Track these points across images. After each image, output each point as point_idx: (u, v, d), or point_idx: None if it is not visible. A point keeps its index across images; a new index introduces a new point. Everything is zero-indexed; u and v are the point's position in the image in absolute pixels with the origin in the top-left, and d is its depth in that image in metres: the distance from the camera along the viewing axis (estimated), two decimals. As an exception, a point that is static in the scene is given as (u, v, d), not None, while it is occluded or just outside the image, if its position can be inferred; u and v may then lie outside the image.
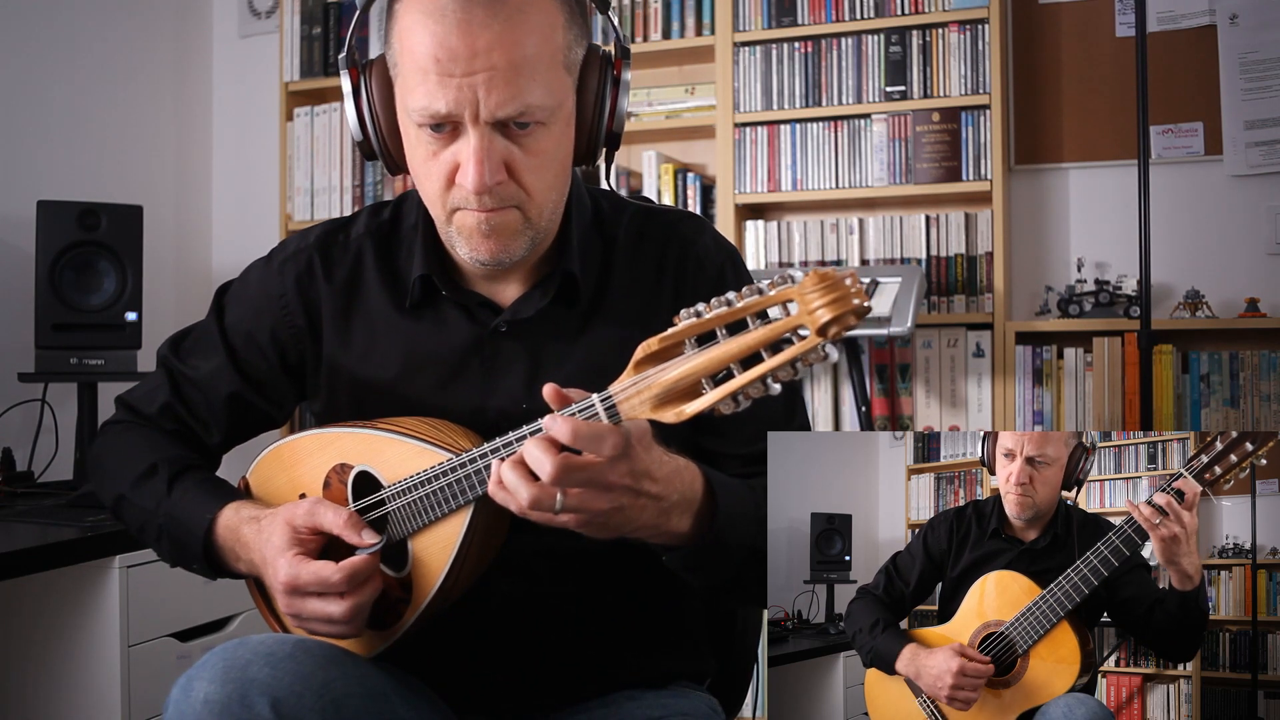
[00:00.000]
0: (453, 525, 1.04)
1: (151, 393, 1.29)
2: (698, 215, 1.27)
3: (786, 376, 0.84)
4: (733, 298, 0.86)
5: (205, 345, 1.28)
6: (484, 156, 1.03)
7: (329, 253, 1.24)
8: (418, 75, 1.03)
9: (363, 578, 1.03)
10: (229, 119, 3.40)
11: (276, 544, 1.05)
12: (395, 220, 1.25)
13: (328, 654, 1.02)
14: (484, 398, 1.17)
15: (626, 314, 1.18)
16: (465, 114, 1.02)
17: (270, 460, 1.20)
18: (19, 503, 2.31)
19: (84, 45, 2.95)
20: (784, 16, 2.77)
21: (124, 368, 2.53)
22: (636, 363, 0.90)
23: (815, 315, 0.82)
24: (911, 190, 2.69)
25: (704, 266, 1.20)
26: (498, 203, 1.07)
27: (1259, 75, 2.57)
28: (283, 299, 1.24)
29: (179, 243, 3.28)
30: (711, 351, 0.86)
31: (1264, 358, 2.47)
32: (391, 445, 1.08)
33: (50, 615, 2.06)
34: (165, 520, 1.18)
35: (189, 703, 0.96)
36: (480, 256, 1.10)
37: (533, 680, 1.18)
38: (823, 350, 0.83)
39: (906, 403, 2.74)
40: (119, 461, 1.25)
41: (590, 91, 1.12)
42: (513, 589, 1.16)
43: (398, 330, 1.20)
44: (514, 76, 1.02)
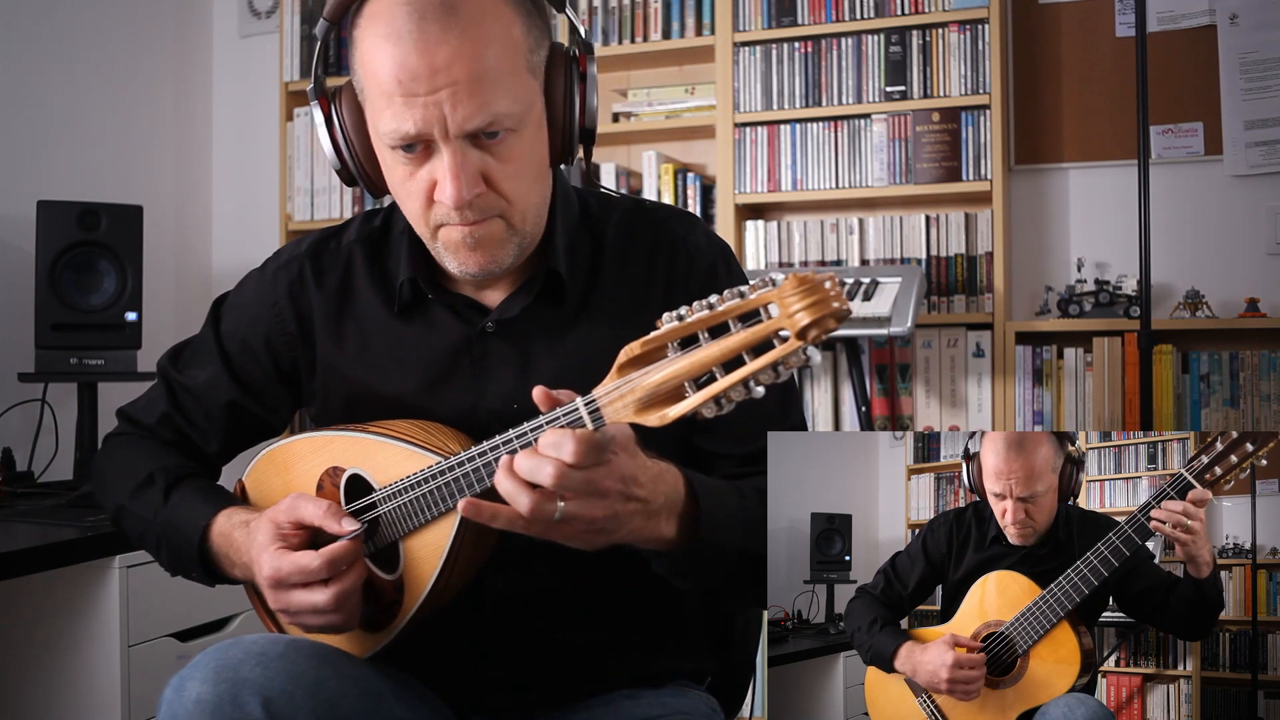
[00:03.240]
0: (443, 528, 1.04)
1: (150, 404, 1.31)
2: (689, 212, 1.27)
3: (769, 379, 0.84)
4: (714, 301, 0.86)
5: (202, 355, 1.29)
6: (459, 171, 1.04)
7: (320, 260, 1.25)
8: (383, 99, 1.04)
9: (344, 563, 1.03)
10: (229, 119, 3.40)
11: (260, 541, 1.07)
12: (386, 226, 1.26)
13: (320, 653, 1.02)
14: (475, 398, 1.17)
15: (617, 312, 1.18)
16: (435, 131, 1.03)
17: (265, 464, 1.21)
18: (19, 503, 2.30)
19: (84, 45, 2.95)
20: (784, 16, 2.77)
21: (124, 368, 2.53)
22: (619, 366, 0.90)
23: (795, 318, 0.82)
24: (911, 190, 2.69)
25: (695, 263, 1.20)
26: (479, 214, 1.07)
27: (1259, 75, 2.57)
28: (275, 306, 1.25)
29: (179, 243, 3.28)
30: (694, 355, 0.86)
31: (1264, 358, 2.47)
32: (382, 448, 1.09)
33: (50, 615, 2.06)
34: (163, 529, 1.19)
35: (181, 703, 0.96)
36: (469, 269, 1.11)
37: (531, 679, 1.19)
38: (803, 354, 0.83)
39: (906, 403, 2.74)
40: (118, 472, 1.26)
41: (558, 91, 1.12)
42: (510, 587, 1.16)
43: (389, 333, 1.21)
44: (477, 88, 1.02)
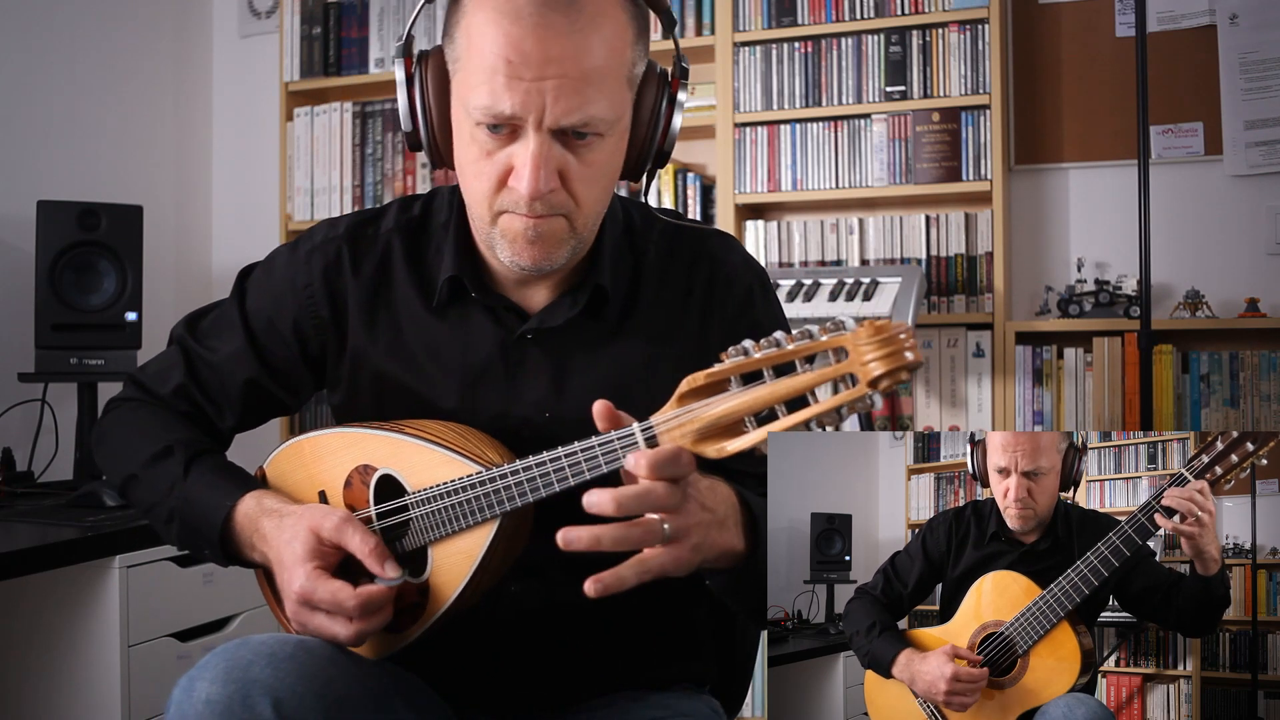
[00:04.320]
0: (476, 537, 1.04)
1: (165, 372, 1.27)
2: (727, 233, 1.27)
3: (831, 422, 0.85)
4: (782, 338, 0.86)
5: (225, 328, 1.26)
6: (541, 163, 1.03)
7: (357, 245, 1.23)
8: (484, 73, 1.02)
9: (376, 607, 1.02)
10: (229, 119, 3.40)
11: (298, 551, 1.04)
12: (425, 216, 1.24)
13: (330, 654, 1.02)
14: (508, 403, 1.16)
15: (653, 330, 1.18)
16: (529, 118, 1.02)
17: (290, 454, 1.19)
18: (19, 503, 2.31)
19: (84, 45, 2.95)
20: (784, 16, 2.77)
21: (124, 368, 2.53)
22: (680, 395, 0.90)
23: (868, 367, 0.82)
24: (911, 190, 2.69)
25: (732, 286, 1.20)
26: (547, 210, 1.06)
27: (1259, 75, 2.57)
28: (308, 289, 1.23)
29: (179, 243, 3.28)
30: (758, 391, 0.87)
31: (1264, 358, 2.47)
32: (418, 451, 1.08)
33: (50, 615, 2.06)
34: (179, 504, 1.17)
35: (191, 703, 0.95)
36: (523, 261, 1.09)
37: (535, 680, 1.19)
38: (870, 400, 0.83)
39: (906, 403, 2.74)
40: (130, 440, 1.23)
41: (646, 108, 1.12)
42: (525, 593, 1.16)
43: (423, 329, 1.20)
44: (582, 86, 1.02)
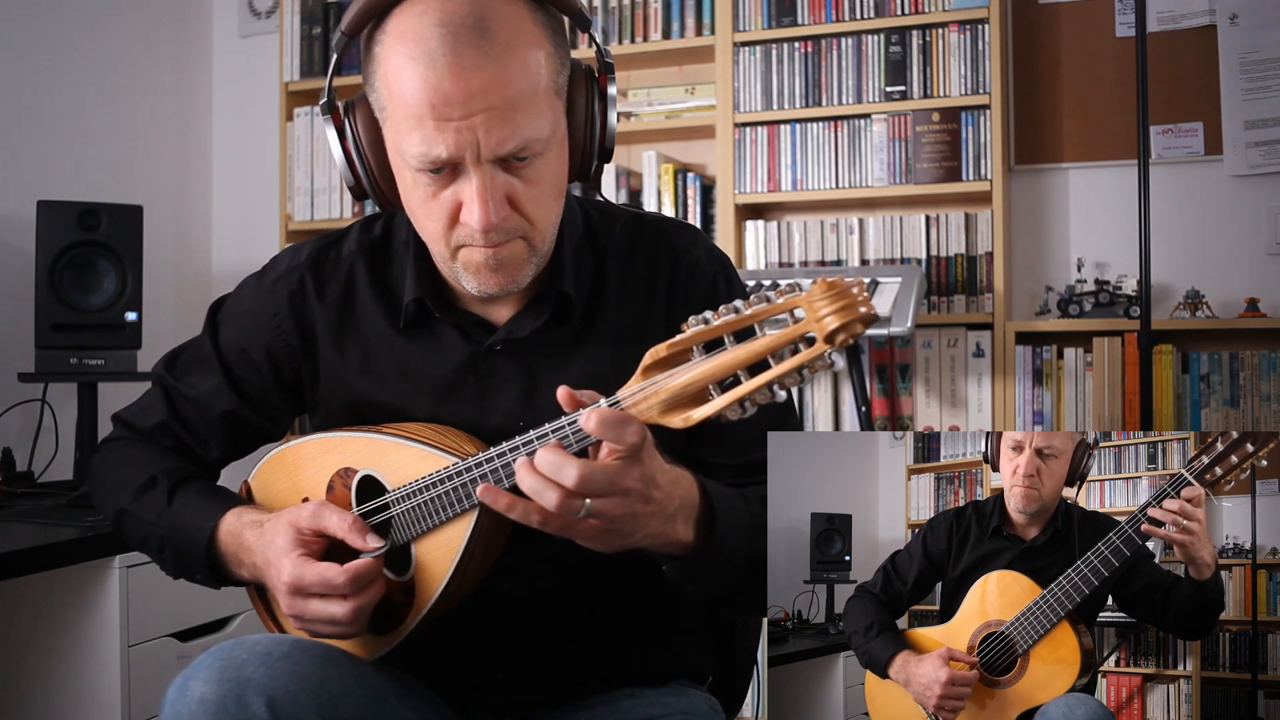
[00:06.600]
0: (457, 529, 1.04)
1: (147, 410, 1.29)
2: (689, 224, 1.27)
3: (793, 383, 0.85)
4: (740, 305, 0.86)
5: (200, 363, 1.28)
6: (489, 195, 1.03)
7: (320, 270, 1.23)
8: (412, 121, 1.01)
9: (366, 580, 1.03)
10: (229, 119, 3.40)
11: (280, 545, 1.05)
12: (386, 237, 1.24)
13: (325, 653, 1.02)
14: (480, 416, 1.16)
15: (620, 329, 1.18)
16: (466, 156, 1.01)
17: (273, 464, 1.20)
18: (19, 503, 2.31)
19: (84, 45, 2.95)
20: (784, 16, 2.77)
21: (124, 368, 2.53)
22: (644, 368, 0.91)
23: (823, 323, 0.83)
24: (911, 190, 2.69)
25: (696, 277, 1.20)
26: (503, 237, 1.06)
27: (1259, 75, 2.57)
28: (276, 318, 1.24)
29: (179, 243, 3.28)
30: (720, 358, 0.87)
31: (1264, 358, 2.47)
32: (396, 450, 1.08)
33: (50, 615, 2.06)
34: (167, 531, 1.18)
35: (185, 702, 0.96)
36: (489, 289, 1.09)
37: (533, 678, 1.19)
38: (829, 358, 0.84)
39: (906, 403, 2.74)
40: (118, 476, 1.25)
41: (580, 111, 1.11)
42: (516, 589, 1.16)
43: (393, 348, 1.20)
44: (510, 114, 1.01)
